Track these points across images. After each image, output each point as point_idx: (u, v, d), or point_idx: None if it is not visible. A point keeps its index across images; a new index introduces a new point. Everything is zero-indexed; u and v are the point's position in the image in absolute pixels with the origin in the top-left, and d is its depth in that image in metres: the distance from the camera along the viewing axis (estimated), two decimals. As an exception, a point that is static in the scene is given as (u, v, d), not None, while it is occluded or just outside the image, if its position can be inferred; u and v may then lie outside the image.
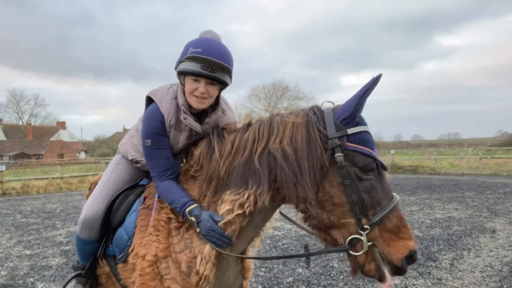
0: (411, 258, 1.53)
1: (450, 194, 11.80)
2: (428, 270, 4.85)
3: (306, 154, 1.54)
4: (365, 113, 1.63)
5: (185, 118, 1.93)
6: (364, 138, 1.56)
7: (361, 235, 1.51)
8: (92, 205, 2.12)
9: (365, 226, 1.51)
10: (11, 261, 5.82)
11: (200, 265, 1.69)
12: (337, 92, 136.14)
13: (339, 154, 1.52)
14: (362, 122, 1.61)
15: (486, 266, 4.99)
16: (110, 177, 2.22)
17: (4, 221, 9.22)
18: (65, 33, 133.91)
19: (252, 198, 1.63)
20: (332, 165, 1.54)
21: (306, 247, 1.71)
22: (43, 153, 54.95)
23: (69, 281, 2.29)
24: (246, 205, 1.64)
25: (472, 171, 20.42)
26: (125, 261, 1.97)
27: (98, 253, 2.16)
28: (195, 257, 1.71)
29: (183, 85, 1.92)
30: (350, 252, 1.55)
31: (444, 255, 5.51)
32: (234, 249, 1.78)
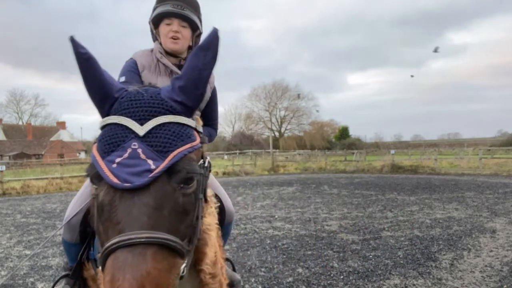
0: None
1: (450, 194, 11.81)
2: (428, 270, 4.86)
3: None
4: (366, 113, 1.50)
5: (161, 57, 2.09)
6: (100, 136, 1.08)
7: None
8: (71, 208, 2.08)
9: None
10: (11, 261, 5.82)
11: None
12: (342, 91, 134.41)
13: None
14: (114, 111, 1.09)
15: (486, 266, 4.99)
16: None
17: (4, 221, 9.22)
18: (69, 30, 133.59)
19: None
20: None
21: None
22: (43, 153, 54.97)
23: (57, 281, 2.27)
24: None
25: (472, 171, 20.43)
26: None
27: (80, 256, 2.10)
28: None
29: (158, 37, 2.10)
30: None
31: (444, 255, 5.51)
32: None
